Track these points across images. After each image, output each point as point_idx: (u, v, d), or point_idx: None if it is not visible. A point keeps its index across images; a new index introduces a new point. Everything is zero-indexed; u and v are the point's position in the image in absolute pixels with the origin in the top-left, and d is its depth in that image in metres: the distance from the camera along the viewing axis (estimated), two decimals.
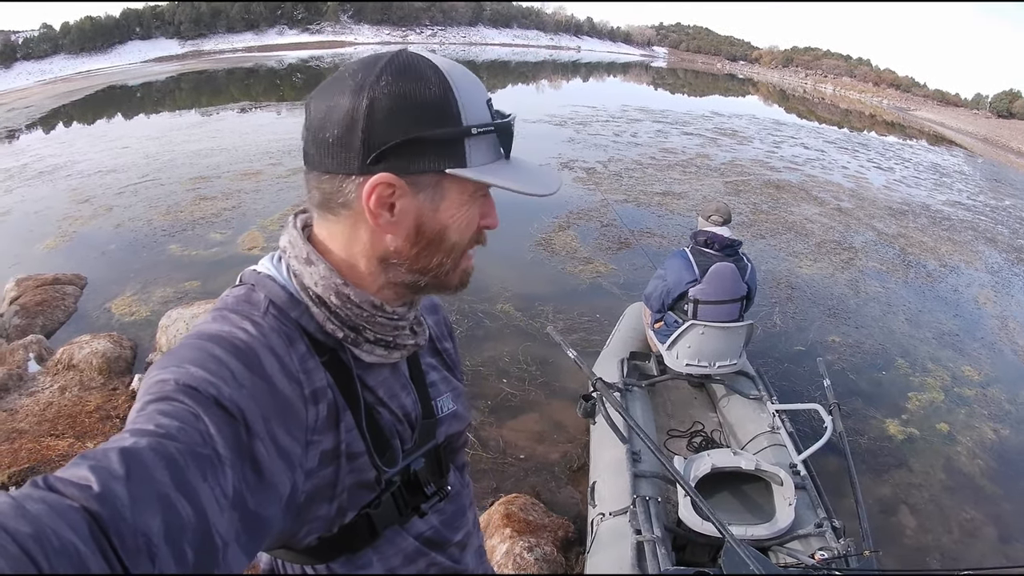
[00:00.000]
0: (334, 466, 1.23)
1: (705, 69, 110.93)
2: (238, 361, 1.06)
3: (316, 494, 1.21)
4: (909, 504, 6.08)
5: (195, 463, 0.88)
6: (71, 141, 22.86)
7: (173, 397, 0.96)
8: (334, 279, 1.25)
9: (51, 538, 0.67)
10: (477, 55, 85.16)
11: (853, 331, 9.47)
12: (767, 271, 11.26)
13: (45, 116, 31.41)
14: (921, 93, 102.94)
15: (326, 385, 1.22)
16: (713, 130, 29.09)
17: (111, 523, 0.73)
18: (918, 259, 13.35)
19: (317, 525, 1.26)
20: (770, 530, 4.08)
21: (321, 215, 1.28)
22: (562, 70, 74.21)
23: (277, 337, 1.16)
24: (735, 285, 5.57)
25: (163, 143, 21.18)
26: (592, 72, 75.10)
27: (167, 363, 1.04)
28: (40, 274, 9.66)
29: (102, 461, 0.80)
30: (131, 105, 36.67)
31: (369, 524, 1.34)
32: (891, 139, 39.73)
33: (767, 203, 16.21)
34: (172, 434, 0.89)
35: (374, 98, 1.14)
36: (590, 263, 11.10)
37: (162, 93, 43.15)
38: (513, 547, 4.58)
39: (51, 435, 5.89)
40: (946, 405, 7.77)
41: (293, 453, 1.09)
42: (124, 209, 13.75)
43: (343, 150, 1.17)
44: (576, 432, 6.45)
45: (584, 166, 18.75)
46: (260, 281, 1.27)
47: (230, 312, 1.18)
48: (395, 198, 1.21)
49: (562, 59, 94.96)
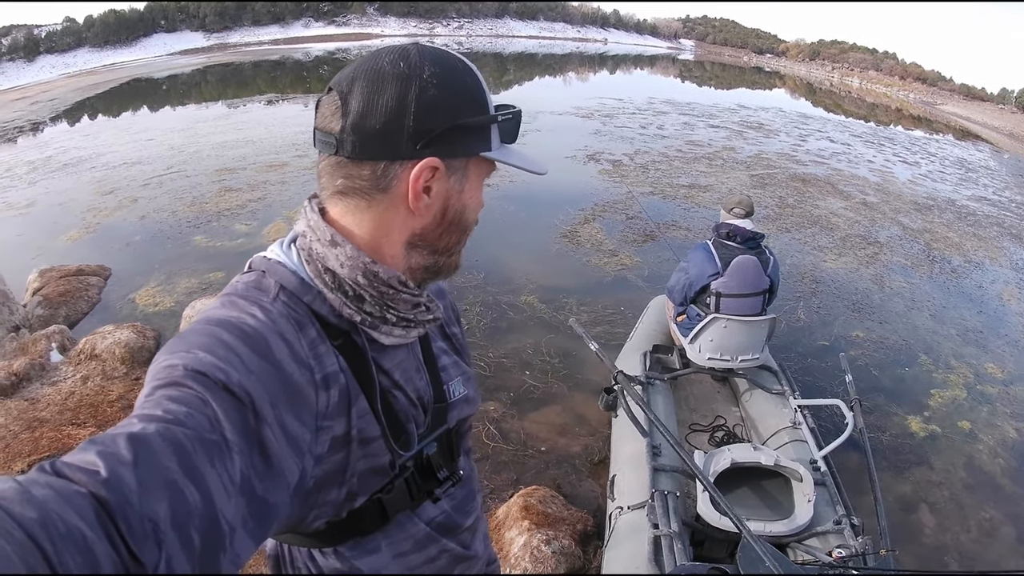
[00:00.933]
0: (345, 451, 1.24)
1: (732, 62, 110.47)
2: (247, 346, 1.06)
3: (326, 479, 1.22)
4: (928, 502, 6.04)
5: (203, 449, 0.88)
6: (96, 133, 22.93)
7: (181, 382, 0.97)
8: (362, 258, 1.26)
9: (57, 523, 0.67)
10: (504, 47, 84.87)
11: (877, 326, 9.43)
12: (792, 265, 11.23)
13: (69, 109, 31.45)
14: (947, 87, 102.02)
15: (338, 370, 1.23)
16: (739, 123, 28.93)
17: (118, 508, 0.74)
18: (943, 254, 13.25)
19: (326, 510, 1.27)
20: (788, 527, 4.07)
21: (344, 201, 1.29)
22: (589, 63, 73.77)
23: (286, 322, 1.17)
24: (757, 278, 5.55)
25: (189, 135, 21.21)
26: (619, 65, 74.72)
27: (175, 348, 1.04)
28: (64, 265, 9.70)
29: (110, 446, 0.81)
30: (156, 97, 36.63)
31: (380, 509, 1.35)
32: (917, 133, 39.35)
33: (793, 197, 16.14)
34: (180, 420, 0.89)
35: (423, 87, 1.20)
36: (615, 255, 11.09)
37: (188, 85, 43.18)
38: (531, 539, 4.57)
39: (72, 424, 5.92)
40: (968, 403, 7.72)
41: (302, 439, 1.10)
42: (149, 200, 13.80)
43: (390, 137, 1.20)
44: (598, 425, 6.43)
45: (610, 158, 18.68)
46: (270, 267, 1.28)
47: (239, 298, 1.19)
48: (433, 181, 1.26)
49: (589, 52, 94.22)
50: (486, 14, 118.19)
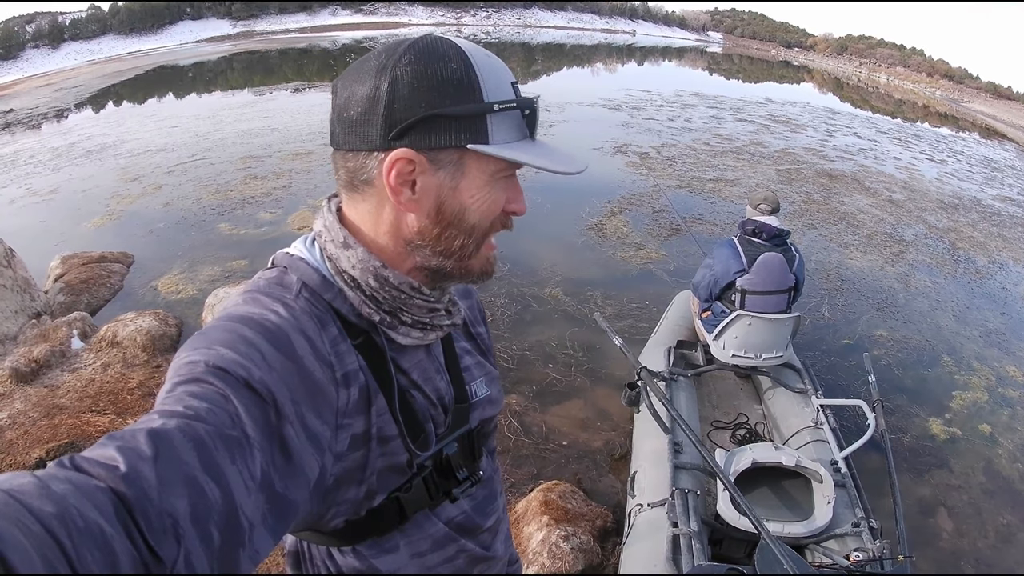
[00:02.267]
0: (364, 449, 1.25)
1: (760, 55, 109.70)
2: (268, 343, 1.07)
3: (345, 477, 1.23)
4: (947, 506, 6.03)
5: (223, 445, 0.89)
6: (120, 120, 23.08)
7: (203, 379, 0.98)
8: (372, 262, 1.27)
9: (76, 518, 0.68)
10: (532, 37, 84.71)
11: (901, 326, 9.40)
12: (817, 262, 11.20)
13: (94, 95, 31.64)
14: (974, 85, 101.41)
15: (358, 368, 1.24)
16: (767, 117, 28.81)
17: (137, 504, 0.75)
18: (968, 254, 13.18)
19: (344, 508, 1.28)
20: (807, 528, 4.07)
21: (348, 195, 1.31)
22: (617, 54, 73.56)
23: (308, 320, 1.18)
24: (783, 276, 5.55)
25: (214, 122, 21.29)
26: (647, 56, 74.52)
27: (197, 344, 1.05)
28: (86, 252, 9.76)
29: (130, 442, 0.81)
30: (182, 85, 36.74)
31: (399, 508, 1.35)
32: (944, 131, 38.99)
33: (819, 192, 16.08)
34: (201, 416, 0.90)
35: (396, 76, 1.17)
36: (641, 249, 11.08)
37: (214, 73, 43.31)
38: (549, 535, 4.59)
39: (92, 411, 5.95)
40: (989, 406, 7.68)
41: (322, 436, 1.11)
42: (173, 188, 13.88)
43: (365, 127, 1.20)
44: (620, 420, 6.44)
45: (637, 151, 18.65)
46: (293, 264, 1.29)
47: (261, 294, 1.20)
48: (416, 175, 1.23)
49: (617, 43, 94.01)
50: (514, 3, 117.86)
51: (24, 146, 19.23)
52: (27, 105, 28.65)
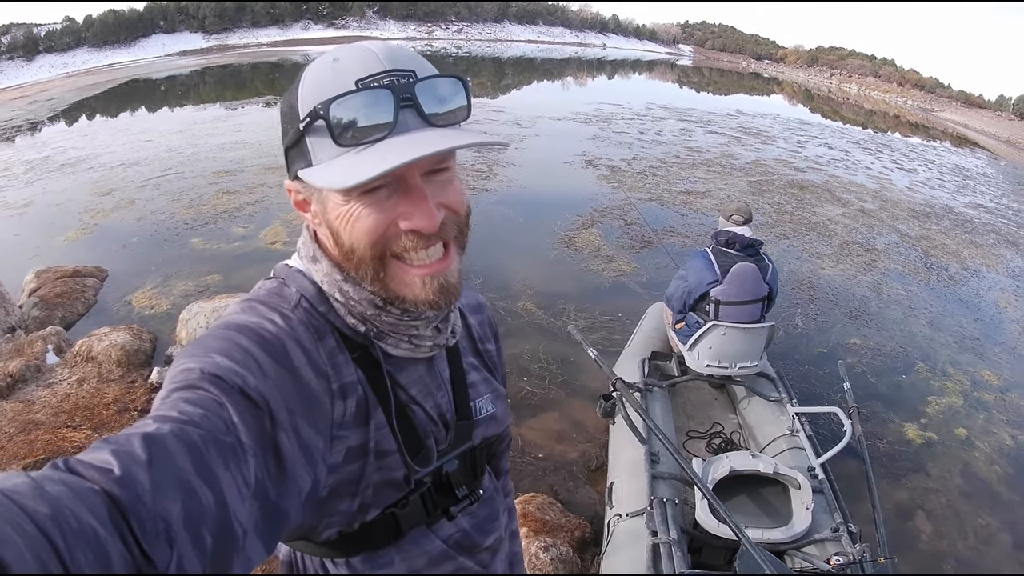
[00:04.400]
0: (360, 463, 1.24)
1: (730, 67, 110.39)
2: (264, 352, 1.07)
3: (339, 489, 1.21)
4: (926, 509, 6.06)
5: (217, 451, 0.89)
6: (93, 134, 22.94)
7: (198, 385, 0.98)
8: (335, 275, 1.26)
9: (70, 519, 0.68)
10: (503, 52, 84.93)
11: (874, 334, 9.45)
12: (790, 272, 11.24)
13: (68, 108, 31.50)
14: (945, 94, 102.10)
15: (356, 381, 1.23)
16: (737, 129, 28.99)
17: (131, 507, 0.75)
18: (940, 262, 13.29)
19: (337, 520, 1.26)
20: (786, 534, 4.09)
21: None
22: (587, 67, 73.88)
23: (305, 331, 1.18)
24: (756, 286, 5.56)
25: (186, 137, 21.25)
26: (617, 69, 74.82)
27: (194, 352, 1.05)
28: (60, 266, 9.72)
29: (124, 445, 0.81)
30: (154, 98, 36.65)
31: (394, 523, 1.33)
32: (915, 140, 39.46)
33: (791, 203, 16.17)
34: (195, 421, 0.90)
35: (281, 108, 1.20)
36: (613, 261, 11.09)
37: (186, 87, 43.25)
38: (529, 547, 4.58)
39: (68, 426, 5.92)
40: (965, 410, 7.74)
41: (315, 447, 1.10)
42: (146, 202, 13.82)
43: None
44: (595, 432, 6.44)
45: (608, 164, 18.73)
46: (291, 276, 1.29)
47: (259, 304, 1.21)
48: (304, 205, 1.25)
49: (587, 56, 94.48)
50: (485, 18, 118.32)
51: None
52: (1, 118, 28.51)
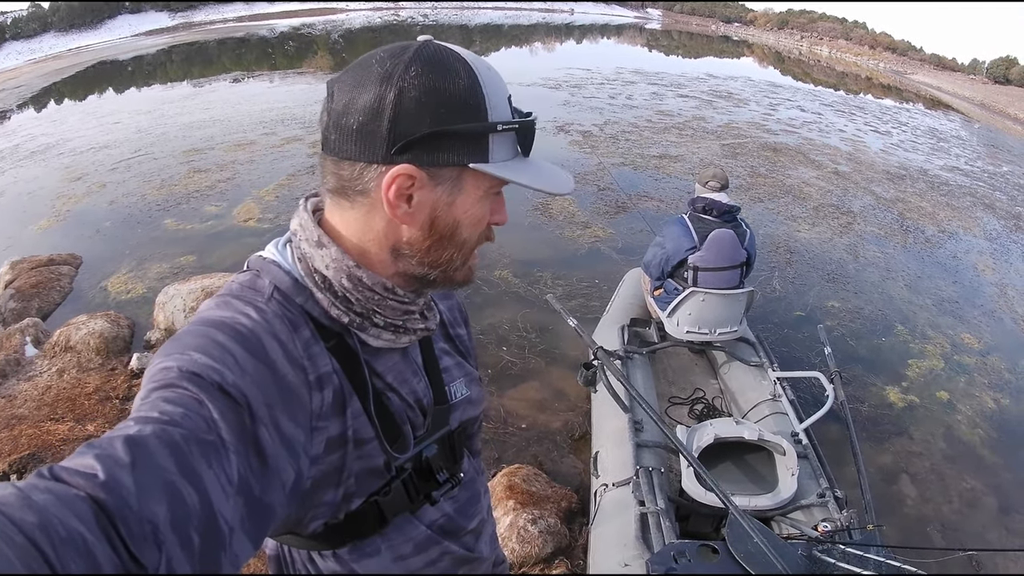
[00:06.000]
0: (340, 452, 1.24)
1: (700, 31, 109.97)
2: (241, 347, 1.06)
3: (322, 480, 1.22)
4: (910, 473, 6.10)
5: (199, 449, 0.89)
6: (62, 119, 22.81)
7: (177, 384, 0.97)
8: (346, 261, 1.25)
9: (58, 528, 0.68)
10: (470, 20, 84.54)
11: (852, 297, 9.51)
12: (765, 235, 11.28)
13: (36, 95, 31.27)
14: (917, 57, 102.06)
15: (331, 371, 1.23)
16: (709, 92, 29.03)
17: (117, 511, 0.75)
18: (916, 224, 13.37)
19: (322, 511, 1.27)
20: (773, 500, 4.12)
21: (335, 201, 1.28)
22: (555, 33, 73.48)
23: (280, 323, 1.17)
24: (734, 251, 5.59)
25: (155, 117, 21.15)
26: (586, 34, 74.65)
27: (170, 351, 1.04)
28: (35, 255, 9.66)
29: (107, 449, 0.81)
30: (122, 80, 36.47)
31: (378, 512, 1.35)
32: (888, 102, 39.50)
33: (764, 166, 16.23)
34: (176, 421, 0.90)
35: (403, 88, 1.14)
36: (588, 228, 11.14)
37: (153, 66, 42.91)
38: (517, 519, 4.59)
39: (51, 419, 5.91)
40: (946, 373, 7.79)
41: (296, 440, 1.10)
42: (117, 185, 13.76)
43: (367, 138, 1.17)
44: (577, 400, 6.46)
45: (580, 129, 18.71)
46: (265, 267, 1.28)
47: (233, 298, 1.19)
48: (414, 189, 1.21)
49: (555, 22, 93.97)
50: None
51: None
52: None
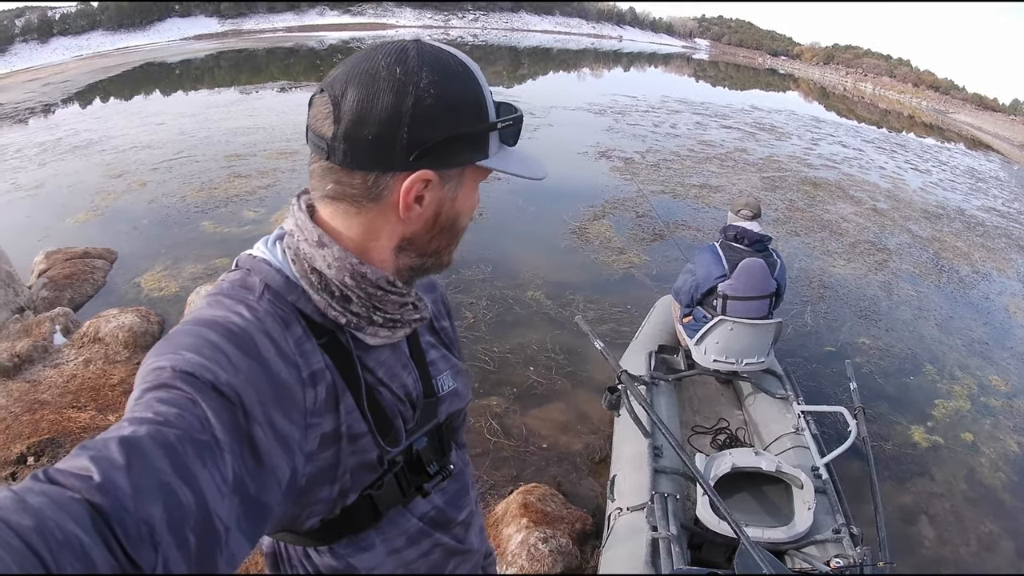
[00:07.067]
0: (335, 448, 1.25)
1: (746, 63, 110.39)
2: (233, 346, 1.07)
3: (318, 477, 1.23)
4: (929, 514, 6.03)
5: (194, 449, 0.89)
6: (107, 116, 22.94)
7: (170, 384, 0.97)
8: (349, 259, 1.26)
9: (54, 530, 0.68)
10: (519, 41, 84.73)
11: (883, 334, 9.41)
12: (800, 269, 11.24)
13: (81, 91, 31.48)
14: (959, 96, 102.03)
15: (324, 367, 1.24)
16: (752, 124, 28.90)
17: (113, 513, 0.74)
18: (951, 264, 13.24)
19: (319, 508, 1.28)
20: (787, 533, 4.07)
21: (335, 205, 1.28)
22: (603, 59, 73.67)
23: (272, 321, 1.18)
24: (764, 281, 5.55)
25: (199, 120, 21.23)
26: (633, 62, 74.62)
27: (163, 350, 1.05)
28: (70, 247, 9.71)
29: (102, 451, 0.81)
30: (169, 82, 36.60)
31: (372, 505, 1.36)
32: (929, 141, 39.32)
33: (803, 200, 16.09)
34: (170, 421, 0.90)
35: (419, 97, 1.17)
36: (623, 253, 11.08)
37: (200, 71, 43.19)
38: (528, 537, 4.58)
39: (73, 407, 5.94)
40: (972, 414, 7.70)
41: (291, 437, 1.10)
42: (158, 185, 13.82)
43: (383, 148, 1.18)
44: (600, 424, 6.42)
45: (622, 156, 18.67)
46: (255, 265, 1.29)
47: (225, 297, 1.20)
48: (426, 191, 1.25)
49: (604, 48, 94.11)
50: (502, 7, 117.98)
51: (10, 140, 19.16)
52: (14, 99, 28.57)
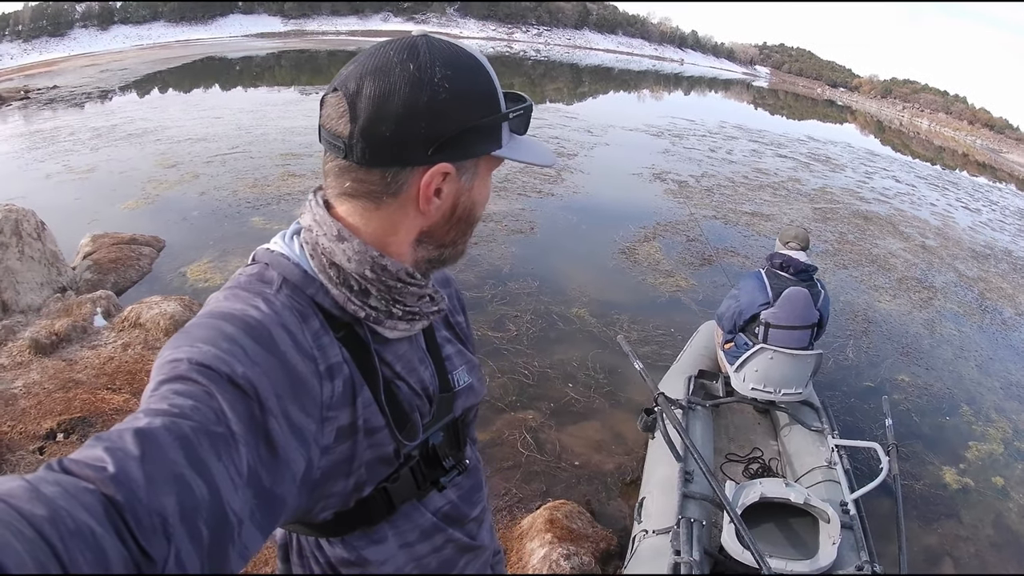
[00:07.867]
0: (351, 441, 1.25)
1: (805, 92, 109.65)
2: (250, 338, 1.07)
3: (333, 470, 1.24)
4: (953, 556, 5.98)
5: (209, 441, 0.90)
6: (164, 107, 23.14)
7: (186, 376, 0.98)
8: (370, 252, 1.27)
9: (66, 520, 0.68)
10: (580, 59, 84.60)
11: (923, 372, 9.33)
12: (846, 302, 11.18)
13: (139, 80, 31.74)
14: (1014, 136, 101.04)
15: (342, 360, 1.24)
16: (807, 155, 28.77)
17: (126, 504, 0.75)
18: (995, 305, 13.11)
19: (333, 501, 1.28)
20: (810, 567, 4.05)
21: (351, 202, 1.30)
22: (664, 81, 73.41)
23: (290, 314, 1.18)
24: (807, 311, 5.54)
25: (257, 117, 21.39)
26: (693, 86, 74.33)
27: (180, 342, 1.05)
28: (118, 232, 9.83)
29: (117, 442, 0.82)
30: (229, 77, 36.89)
31: (386, 499, 1.36)
32: (981, 180, 38.89)
33: (853, 233, 16.00)
34: (186, 413, 0.91)
35: (434, 91, 1.18)
36: (671, 276, 11.07)
37: (261, 68, 43.38)
38: (551, 553, 4.59)
39: (108, 389, 6.00)
40: (1004, 459, 7.61)
41: (307, 430, 1.11)
42: (211, 178, 13.93)
43: (401, 144, 1.20)
44: (634, 445, 6.42)
45: (676, 179, 18.68)
46: (273, 259, 1.29)
47: (242, 290, 1.21)
48: (445, 183, 1.27)
49: (664, 70, 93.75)
50: (565, 24, 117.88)
51: (65, 123, 19.35)
52: (71, 83, 28.82)
